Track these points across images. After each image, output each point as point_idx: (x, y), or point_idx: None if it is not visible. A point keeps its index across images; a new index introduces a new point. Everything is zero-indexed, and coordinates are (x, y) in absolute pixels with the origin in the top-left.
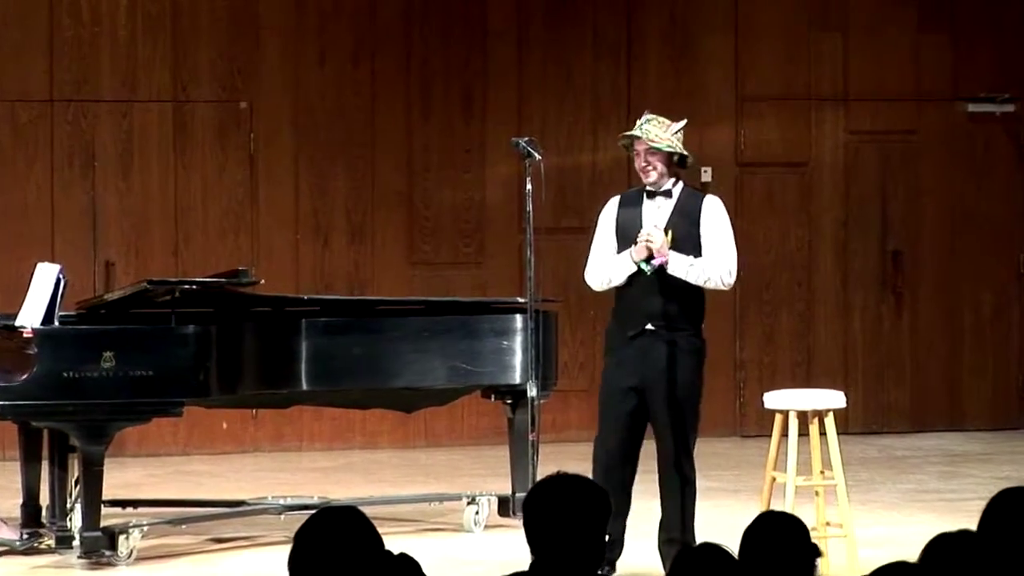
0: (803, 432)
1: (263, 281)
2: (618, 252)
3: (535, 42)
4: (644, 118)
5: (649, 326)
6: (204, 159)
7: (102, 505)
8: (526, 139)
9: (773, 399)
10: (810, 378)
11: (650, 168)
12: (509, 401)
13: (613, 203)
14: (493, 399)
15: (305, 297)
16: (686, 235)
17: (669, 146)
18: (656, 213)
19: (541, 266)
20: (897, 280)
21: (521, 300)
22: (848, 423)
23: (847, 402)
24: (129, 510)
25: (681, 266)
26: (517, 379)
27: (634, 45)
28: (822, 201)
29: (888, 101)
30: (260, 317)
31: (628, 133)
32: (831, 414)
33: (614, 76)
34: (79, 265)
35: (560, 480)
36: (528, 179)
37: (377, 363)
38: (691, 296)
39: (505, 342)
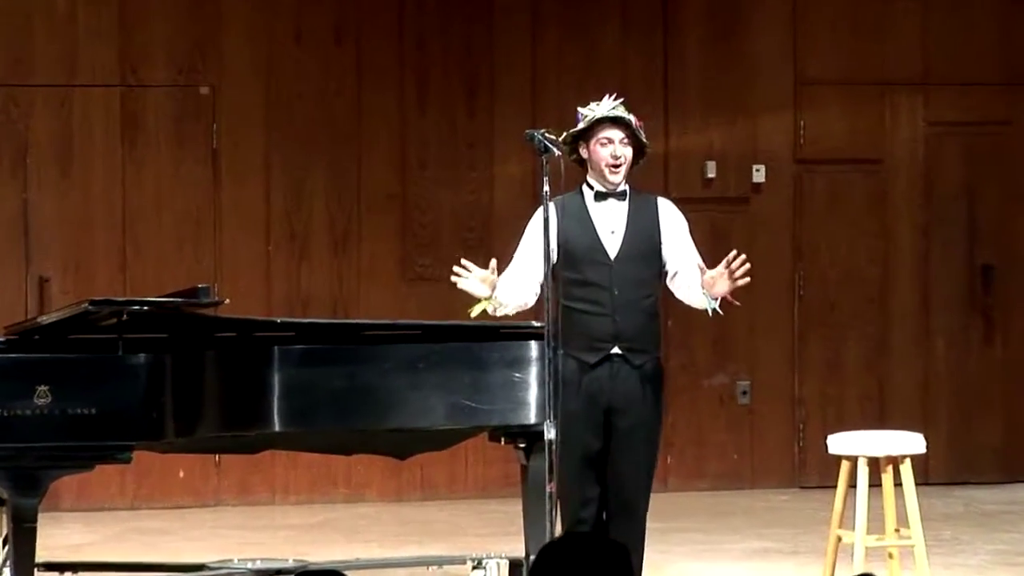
0: (874, 482)
1: (228, 301)
2: (564, 270)
3: (551, 17)
4: (611, 102)
5: (616, 350)
6: (158, 155)
7: (35, 569)
8: (542, 132)
9: (839, 443)
10: (883, 418)
11: (622, 163)
12: (522, 445)
13: (551, 210)
14: (503, 443)
15: (278, 320)
16: (643, 244)
17: (644, 138)
18: (609, 218)
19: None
20: (987, 300)
21: (537, 324)
22: (928, 471)
23: (927, 447)
24: (68, 575)
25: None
26: (532, 419)
27: (670, 20)
28: (897, 205)
29: (975, 86)
30: (224, 344)
31: (612, 114)
32: (908, 461)
33: (647, 57)
34: (8, 281)
35: (575, 540)
36: (545, 179)
37: (364, 399)
38: (651, 314)
39: (518, 374)
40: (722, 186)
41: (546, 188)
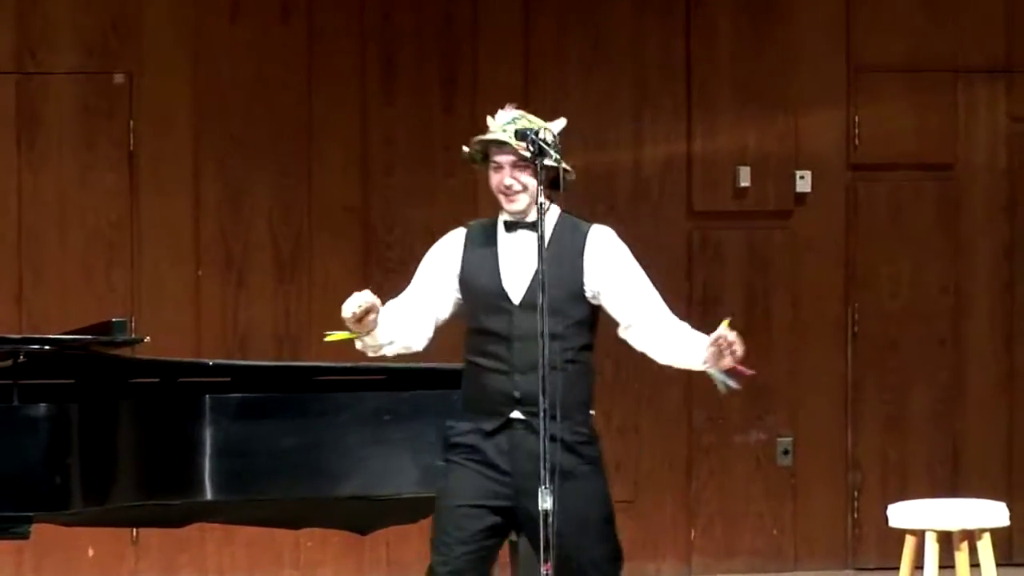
0: (946, 563)
1: (148, 339)
2: (467, 315)
3: None
4: (507, 115)
5: (517, 414)
6: (61, 157)
7: None
8: (536, 130)
9: (902, 514)
10: (957, 483)
11: (517, 189)
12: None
13: (456, 239)
14: None
15: (210, 363)
16: (563, 285)
17: (553, 159)
18: (518, 254)
19: None
20: None
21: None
22: (1012, 549)
23: (1011, 518)
24: None
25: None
26: None
27: None
28: (975, 220)
29: None
30: (144, 392)
31: (486, 137)
32: (987, 536)
33: (666, 39)
34: None
35: None
36: (540, 189)
37: (316, 461)
38: (571, 372)
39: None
40: (758, 197)
41: (542, 199)
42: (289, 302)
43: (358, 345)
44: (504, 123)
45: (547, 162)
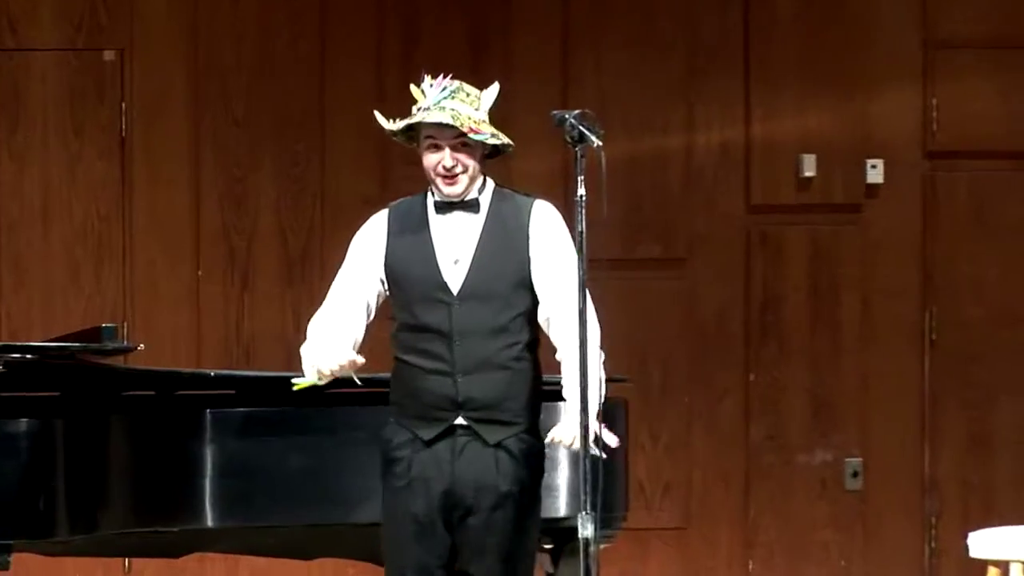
0: None
1: (142, 347)
2: (395, 309)
3: None
4: (443, 88)
5: (460, 420)
6: (44, 144)
7: None
8: (576, 113)
9: (985, 543)
10: None
11: (459, 171)
12: (548, 546)
13: (378, 225)
14: None
15: (211, 373)
16: (502, 272)
17: (494, 136)
18: (454, 237)
19: (602, 322)
20: None
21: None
22: None
23: None
24: None
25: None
26: (562, 510)
27: None
28: None
29: None
30: (137, 406)
31: (424, 119)
32: None
33: (722, 9)
34: None
35: None
36: (580, 180)
37: (331, 483)
38: (516, 370)
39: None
40: (824, 189)
41: (581, 192)
42: (300, 305)
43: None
44: (440, 98)
45: (489, 142)
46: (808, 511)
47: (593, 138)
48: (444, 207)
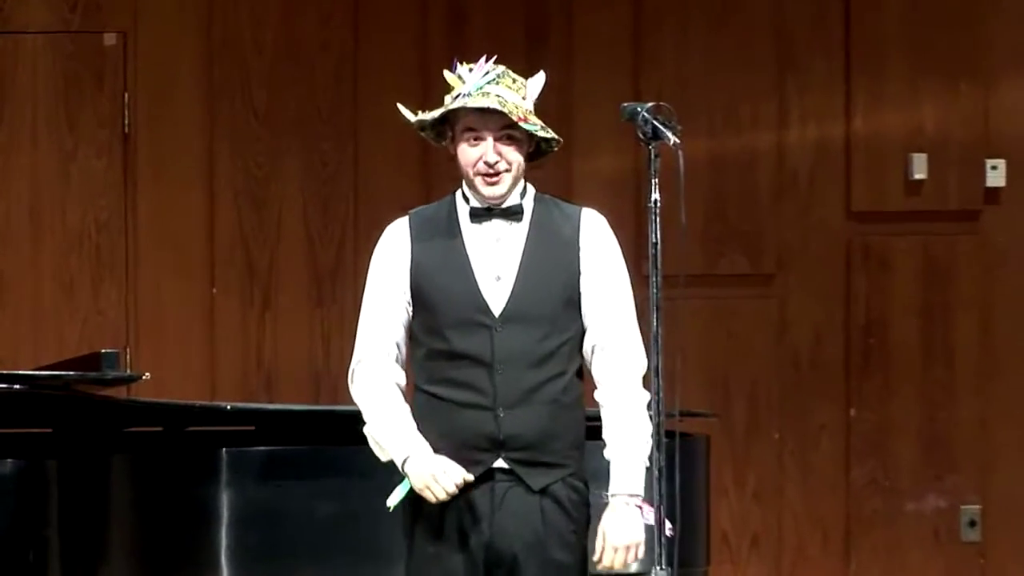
0: None
1: (147, 376)
2: (421, 334)
3: None
4: (485, 73)
5: (500, 462)
6: (35, 139)
7: None
8: (649, 106)
9: None
10: None
11: (503, 168)
12: None
13: (398, 235)
14: None
15: (227, 407)
16: (550, 292)
17: (544, 128)
18: (493, 251)
19: (678, 346)
20: None
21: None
22: None
23: None
24: None
25: (640, 471)
26: (633, 565)
27: None
28: None
29: None
30: (142, 444)
31: (466, 105)
32: None
33: None
34: None
35: None
36: (654, 183)
37: (362, 533)
38: (565, 404)
39: (606, 492)
40: (937, 193)
41: (655, 197)
42: (329, 328)
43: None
44: (482, 83)
45: (539, 134)
46: (919, 566)
47: (669, 134)
48: (481, 214)
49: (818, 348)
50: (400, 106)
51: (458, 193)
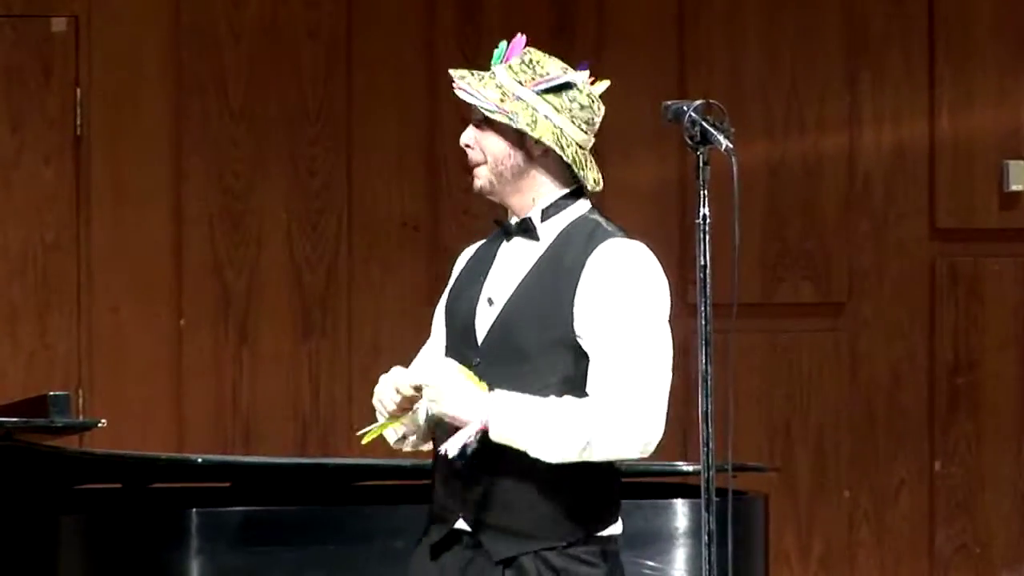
0: None
1: (103, 422)
2: (446, 351)
3: None
4: (497, 49)
5: (461, 523)
6: None
7: None
8: (697, 105)
9: None
10: None
11: (478, 159)
12: None
13: (471, 247)
14: None
15: (198, 459)
16: (538, 323)
17: (532, 122)
18: (504, 273)
19: (731, 388)
20: None
21: (687, 466)
22: None
23: None
24: None
25: (514, 425)
26: None
27: None
28: None
29: None
30: (97, 503)
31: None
32: None
33: None
34: None
35: None
36: (702, 195)
37: None
38: (550, 465)
39: (653, 562)
40: None
41: (703, 211)
42: (318, 366)
43: (395, 438)
44: (494, 61)
45: (516, 126)
46: None
47: (721, 138)
48: (507, 229)
49: (896, 390)
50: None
51: None
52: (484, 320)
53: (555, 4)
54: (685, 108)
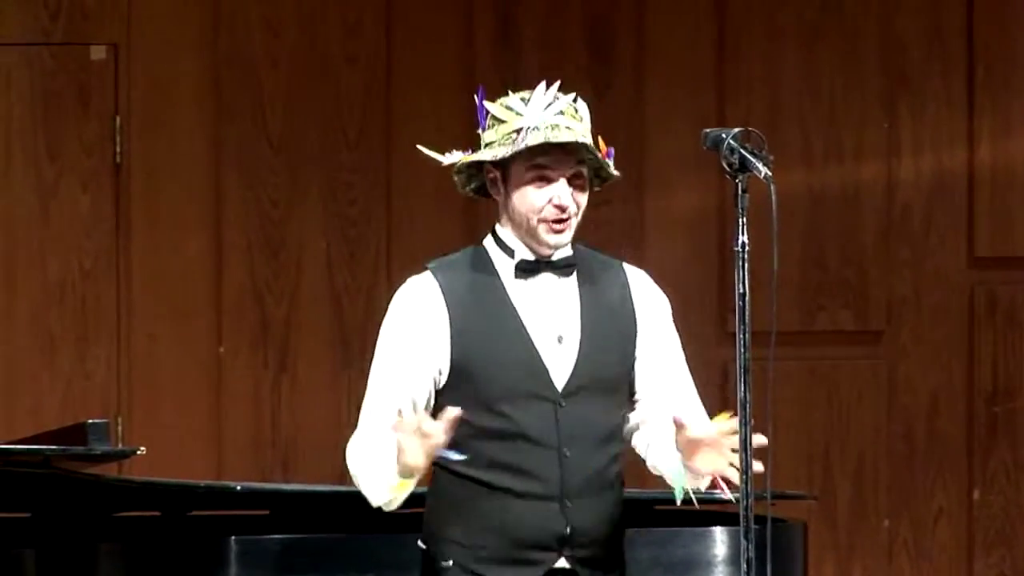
0: None
1: (142, 450)
2: (467, 410)
3: None
4: (549, 103)
5: (562, 563)
6: (9, 170)
7: None
8: (736, 133)
9: None
10: None
11: (573, 213)
12: None
13: (426, 291)
14: None
15: (237, 487)
16: (614, 354)
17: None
18: (548, 312)
19: (770, 416)
20: None
21: (726, 494)
22: None
23: None
24: None
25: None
26: None
27: None
28: None
29: None
30: (136, 531)
31: (548, 139)
32: None
33: None
34: None
35: None
36: (741, 223)
37: None
38: (619, 481)
39: None
40: None
41: (742, 239)
42: (357, 394)
43: (395, 502)
44: (549, 111)
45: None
46: None
47: (760, 165)
48: (530, 267)
49: (935, 418)
50: (422, 148)
51: (487, 243)
52: (560, 359)
53: (594, 29)
54: (724, 135)
